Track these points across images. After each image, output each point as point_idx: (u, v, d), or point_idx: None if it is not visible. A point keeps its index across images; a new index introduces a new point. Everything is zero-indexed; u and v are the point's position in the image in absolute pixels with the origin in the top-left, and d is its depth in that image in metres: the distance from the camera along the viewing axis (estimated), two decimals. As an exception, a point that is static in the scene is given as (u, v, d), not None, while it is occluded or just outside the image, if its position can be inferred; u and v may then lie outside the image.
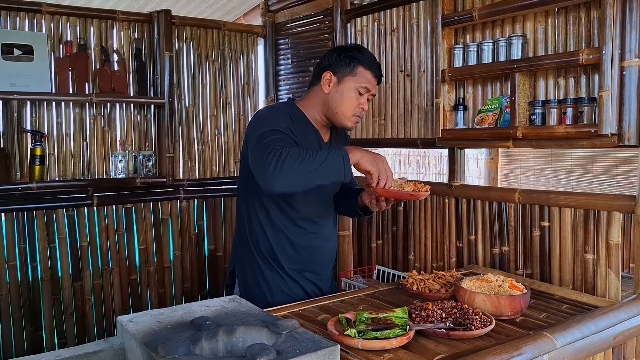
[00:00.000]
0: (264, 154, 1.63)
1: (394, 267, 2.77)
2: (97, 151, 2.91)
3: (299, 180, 1.62)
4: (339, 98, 1.90)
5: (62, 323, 2.78)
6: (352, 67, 1.89)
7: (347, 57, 1.90)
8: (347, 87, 1.89)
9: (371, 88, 1.92)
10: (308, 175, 1.61)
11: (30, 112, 2.72)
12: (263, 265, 1.95)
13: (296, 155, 1.61)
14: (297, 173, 1.60)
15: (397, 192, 1.76)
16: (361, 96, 1.91)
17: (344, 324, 1.46)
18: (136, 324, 1.29)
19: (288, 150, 1.62)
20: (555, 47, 2.02)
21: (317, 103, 1.95)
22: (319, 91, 1.93)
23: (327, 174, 1.65)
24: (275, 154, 1.61)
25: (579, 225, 1.96)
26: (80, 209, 2.81)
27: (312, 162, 1.61)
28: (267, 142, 1.67)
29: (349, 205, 2.07)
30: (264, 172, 1.63)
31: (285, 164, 1.59)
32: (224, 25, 3.27)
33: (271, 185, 1.63)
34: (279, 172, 1.59)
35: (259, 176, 1.67)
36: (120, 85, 2.88)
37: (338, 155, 1.64)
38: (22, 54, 2.61)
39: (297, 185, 1.66)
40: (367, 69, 1.90)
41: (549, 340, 1.39)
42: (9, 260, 2.62)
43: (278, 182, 1.61)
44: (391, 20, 2.73)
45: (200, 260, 3.21)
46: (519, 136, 1.99)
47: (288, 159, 1.59)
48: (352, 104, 1.90)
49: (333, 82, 1.91)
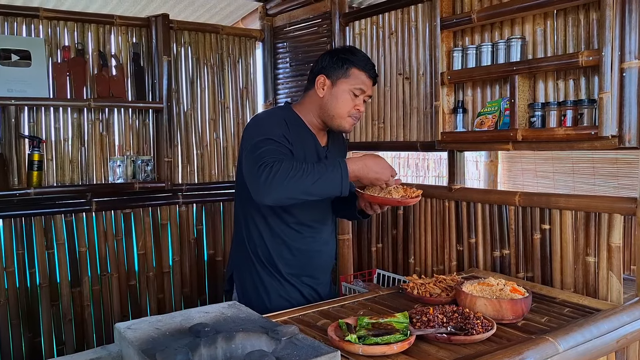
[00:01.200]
0: (256, 166, 1.64)
1: (394, 270, 2.76)
2: (96, 156, 2.90)
3: (289, 195, 1.64)
4: (334, 101, 1.89)
5: (61, 329, 2.77)
6: (345, 69, 1.88)
7: (339, 59, 1.89)
8: (341, 89, 1.89)
9: (366, 89, 1.91)
10: (300, 191, 1.63)
11: (27, 117, 2.71)
12: (261, 270, 1.94)
13: (288, 170, 1.61)
14: (287, 189, 1.61)
15: (384, 199, 1.78)
16: (356, 98, 1.90)
17: (344, 329, 1.45)
18: (134, 331, 1.28)
19: (280, 165, 1.62)
20: (555, 49, 2.02)
21: (313, 107, 1.94)
22: (314, 95, 1.93)
23: (322, 190, 1.66)
24: (266, 167, 1.62)
25: (580, 227, 1.95)
26: (78, 214, 2.80)
27: (305, 178, 1.61)
28: (260, 153, 1.68)
29: (347, 209, 2.07)
30: (255, 184, 1.65)
31: (275, 178, 1.60)
32: (222, 30, 3.27)
33: (261, 198, 1.65)
34: (269, 186, 1.61)
35: (250, 187, 1.69)
36: (118, 90, 2.88)
37: (336, 171, 1.65)
38: (19, 60, 2.60)
39: (287, 201, 1.68)
40: (361, 70, 1.89)
41: (551, 344, 1.38)
42: (7, 267, 2.61)
43: (268, 196, 1.63)
44: (389, 23, 2.72)
45: (199, 265, 3.20)
46: (518, 139, 1.99)
47: (279, 173, 1.60)
48: (348, 106, 1.89)
49: (327, 85, 1.90)
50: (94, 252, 2.84)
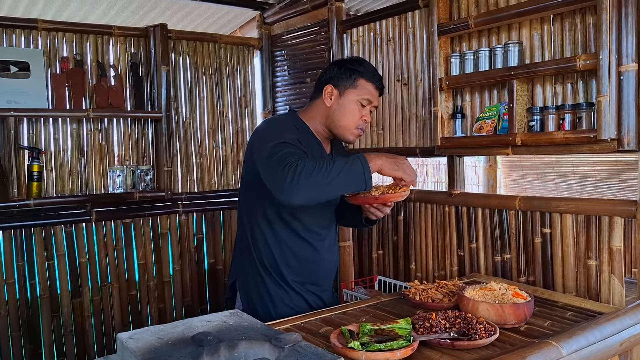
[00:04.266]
0: (279, 168, 1.62)
1: (395, 277, 2.75)
2: (95, 166, 2.90)
3: (317, 192, 1.62)
4: (341, 111, 1.91)
5: (62, 341, 2.76)
6: (353, 79, 1.90)
7: (347, 70, 1.91)
8: (348, 99, 1.90)
9: (373, 100, 1.93)
10: (326, 186, 1.61)
11: (27, 128, 2.71)
12: (266, 278, 1.93)
13: (312, 167, 1.60)
14: (314, 185, 1.60)
15: (362, 198, 1.79)
16: (363, 108, 1.92)
17: (347, 336, 1.45)
18: (136, 341, 1.27)
19: (304, 163, 1.61)
20: (552, 54, 2.03)
21: (319, 116, 1.95)
22: (321, 104, 1.94)
23: (347, 184, 1.65)
24: (291, 167, 1.60)
25: (581, 231, 1.95)
26: (78, 224, 2.79)
27: (329, 172, 1.60)
28: (280, 156, 1.67)
29: (353, 216, 2.06)
30: (281, 186, 1.62)
31: (302, 176, 1.58)
32: (220, 39, 3.28)
33: (289, 199, 1.62)
34: (296, 185, 1.59)
35: (275, 190, 1.65)
36: (117, 100, 2.88)
37: (357, 164, 1.64)
38: (18, 71, 2.61)
39: (316, 198, 1.66)
40: (369, 81, 1.91)
41: (554, 348, 1.37)
42: (7, 278, 2.60)
43: (296, 195, 1.60)
44: (387, 30, 2.73)
45: (200, 274, 3.19)
46: (518, 143, 1.99)
47: (304, 171, 1.59)
48: (355, 117, 1.91)
49: (335, 95, 1.91)
50: (94, 263, 2.83)
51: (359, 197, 1.78)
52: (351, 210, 2.05)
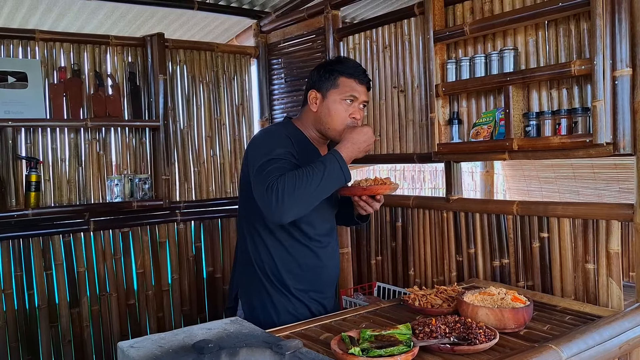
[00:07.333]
0: (264, 190, 1.67)
1: (394, 283, 2.75)
2: (93, 176, 2.90)
3: (304, 205, 1.69)
4: (327, 113, 1.91)
5: (60, 351, 2.74)
6: (333, 79, 1.90)
7: (327, 71, 1.92)
8: (331, 100, 1.90)
9: (358, 95, 1.91)
10: (311, 196, 1.68)
11: (25, 138, 2.71)
12: (269, 287, 1.93)
13: (293, 182, 1.64)
14: (300, 200, 1.66)
15: (350, 189, 1.84)
16: (350, 106, 1.90)
17: (347, 342, 1.45)
18: (137, 350, 1.27)
19: (284, 180, 1.65)
20: (547, 59, 2.04)
21: (310, 122, 1.97)
22: (309, 111, 1.96)
23: (329, 187, 1.72)
24: (273, 187, 1.65)
25: (579, 235, 1.96)
26: (76, 234, 2.79)
27: (311, 182, 1.66)
28: (266, 174, 1.71)
29: (345, 211, 2.09)
30: (268, 210, 1.68)
31: (285, 195, 1.63)
32: (217, 47, 3.29)
33: (280, 220, 1.69)
34: (282, 205, 1.64)
35: (264, 212, 1.71)
36: (114, 109, 2.88)
37: (334, 163, 1.71)
38: (16, 81, 2.62)
39: (304, 210, 1.72)
40: (349, 77, 1.90)
41: (554, 352, 1.38)
42: (5, 289, 2.59)
43: (285, 215, 1.67)
44: (383, 38, 2.75)
45: (198, 282, 3.18)
46: (514, 148, 2.00)
47: (287, 189, 1.63)
48: (341, 116, 1.90)
49: (319, 99, 1.92)
50: (93, 272, 2.82)
51: (346, 188, 1.83)
52: (343, 204, 2.07)
